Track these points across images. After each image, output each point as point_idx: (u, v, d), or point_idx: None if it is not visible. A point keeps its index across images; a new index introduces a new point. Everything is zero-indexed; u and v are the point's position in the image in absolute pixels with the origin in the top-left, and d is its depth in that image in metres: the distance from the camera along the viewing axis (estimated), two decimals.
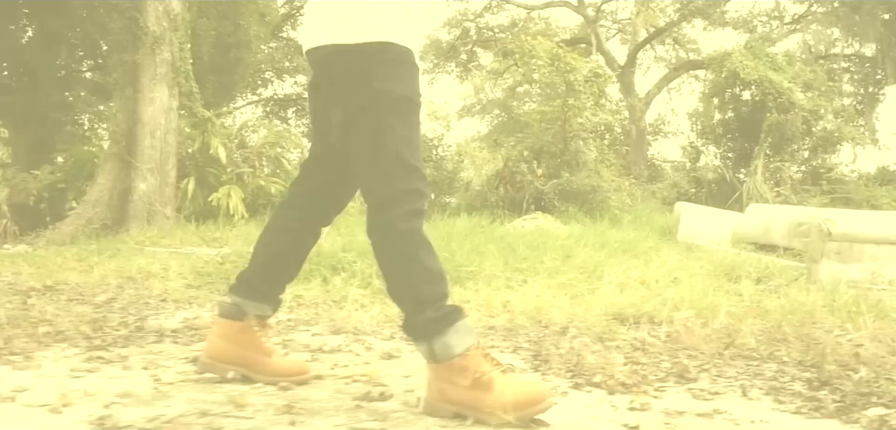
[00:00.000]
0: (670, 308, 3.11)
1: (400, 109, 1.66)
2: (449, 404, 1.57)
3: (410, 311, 1.67)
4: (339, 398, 1.72)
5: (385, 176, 1.66)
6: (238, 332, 1.85)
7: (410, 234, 1.65)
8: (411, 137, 1.68)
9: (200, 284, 4.10)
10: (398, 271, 1.68)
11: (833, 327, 2.78)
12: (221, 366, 1.85)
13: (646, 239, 6.37)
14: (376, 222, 1.68)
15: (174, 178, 7.55)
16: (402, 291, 1.69)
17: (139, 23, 7.18)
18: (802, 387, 1.97)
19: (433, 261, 1.67)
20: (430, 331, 1.62)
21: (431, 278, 1.65)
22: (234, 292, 1.89)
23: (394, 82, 1.65)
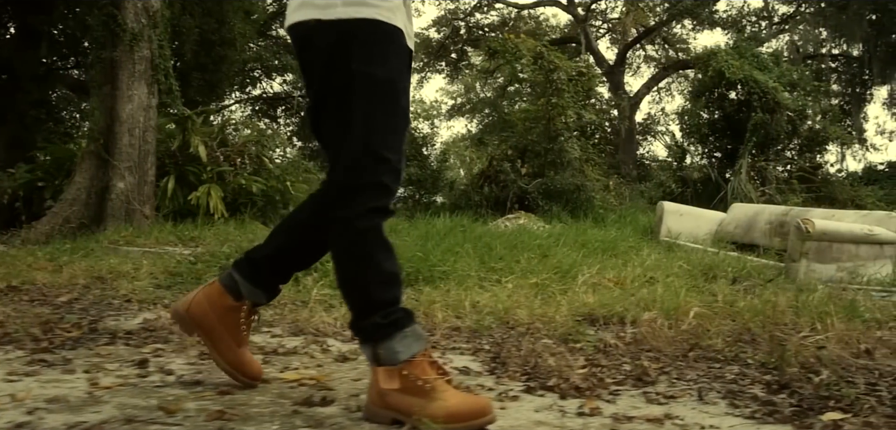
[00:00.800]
0: (640, 309, 3.07)
1: (377, 94, 1.54)
2: (388, 410, 1.52)
3: (358, 312, 1.60)
4: (278, 404, 1.66)
5: (351, 166, 1.55)
6: (227, 308, 1.79)
7: (368, 232, 1.57)
8: (387, 126, 1.56)
9: (170, 283, 4.04)
10: (350, 270, 1.61)
11: (802, 327, 2.74)
12: (191, 326, 1.81)
13: (627, 239, 6.34)
14: (335, 214, 1.59)
15: (153, 176, 7.46)
16: (352, 290, 1.62)
17: (117, 19, 7.08)
18: (761, 390, 1.92)
19: (389, 263, 1.60)
20: (376, 335, 1.56)
21: (384, 280, 1.58)
22: (236, 268, 1.81)
23: (374, 64, 1.53)
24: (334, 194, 1.59)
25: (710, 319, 2.85)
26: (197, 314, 1.80)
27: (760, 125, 10.67)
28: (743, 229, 6.47)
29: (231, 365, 1.79)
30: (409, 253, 4.33)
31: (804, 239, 4.88)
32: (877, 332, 2.67)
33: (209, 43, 10.93)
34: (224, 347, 1.79)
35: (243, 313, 1.80)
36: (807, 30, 17.02)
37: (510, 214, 8.08)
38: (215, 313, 1.78)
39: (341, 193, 1.58)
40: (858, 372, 2.14)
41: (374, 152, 1.54)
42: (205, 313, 1.79)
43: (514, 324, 2.85)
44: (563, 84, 8.88)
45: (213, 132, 8.30)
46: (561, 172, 8.86)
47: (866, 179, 13.88)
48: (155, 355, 2.21)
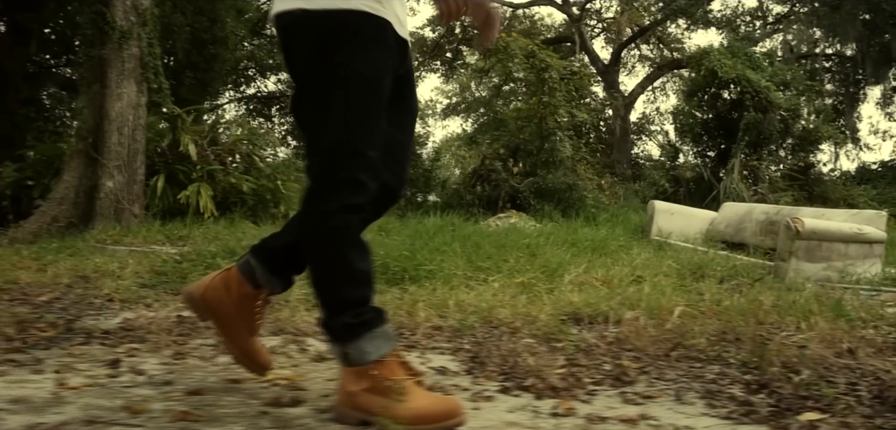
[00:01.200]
0: (625, 309, 3.05)
1: (358, 89, 1.49)
2: (357, 410, 1.49)
3: (328, 311, 1.57)
4: (247, 404, 1.63)
5: (327, 161, 1.52)
6: (244, 295, 1.73)
7: (341, 230, 1.53)
8: (367, 122, 1.52)
9: (155, 282, 4.01)
10: (322, 267, 1.57)
11: (786, 326, 2.73)
12: (205, 311, 1.76)
13: (617, 238, 6.32)
14: (308, 208, 1.55)
15: (143, 175, 7.41)
16: (323, 287, 1.59)
17: (106, 17, 7.03)
18: (740, 390, 1.90)
19: (362, 262, 1.56)
20: (345, 334, 1.53)
21: (356, 280, 1.55)
22: (253, 254, 1.76)
23: (356, 58, 1.49)
24: (309, 190, 1.56)
25: (695, 318, 2.83)
26: (212, 300, 1.75)
27: (753, 124, 10.66)
28: (733, 229, 6.46)
29: (242, 353, 1.76)
30: (396, 252, 4.30)
31: (793, 238, 4.87)
32: (861, 331, 2.66)
33: (201, 41, 10.87)
34: (237, 334, 1.75)
35: (259, 302, 1.76)
36: (801, 29, 17.04)
37: (501, 213, 8.05)
38: (231, 300, 1.73)
39: (315, 187, 1.55)
40: (840, 372, 2.12)
41: (351, 148, 1.50)
42: (221, 299, 1.74)
43: (497, 323, 2.83)
44: (555, 83, 8.85)
45: (203, 131, 8.25)
46: (553, 171, 8.83)
47: (859, 179, 13.89)
48: (129, 356, 2.18)
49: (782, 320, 2.86)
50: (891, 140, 20.78)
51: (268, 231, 6.75)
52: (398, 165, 1.69)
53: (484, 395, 1.78)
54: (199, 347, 2.36)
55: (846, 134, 16.96)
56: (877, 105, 18.73)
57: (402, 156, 1.71)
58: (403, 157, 1.72)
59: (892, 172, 14.25)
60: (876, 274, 4.99)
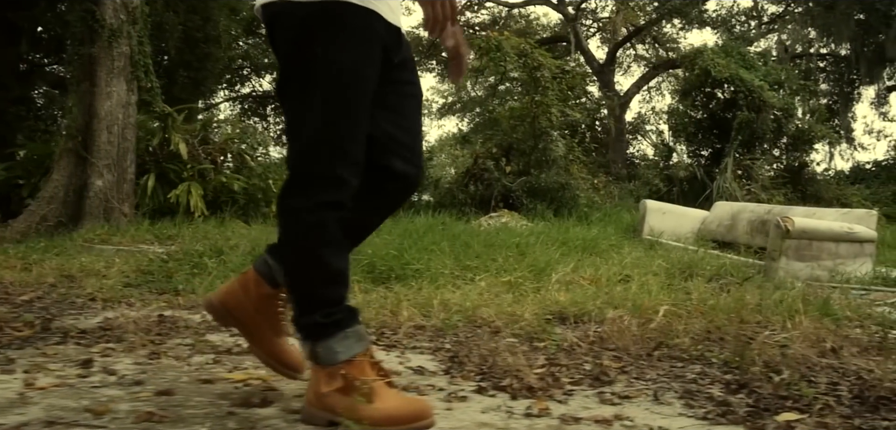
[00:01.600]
0: (612, 308, 3.03)
1: (340, 82, 1.45)
2: (326, 411, 1.46)
3: (299, 308, 1.54)
4: (216, 404, 1.60)
5: (305, 155, 1.49)
6: (263, 296, 1.69)
7: (317, 227, 1.49)
8: (346, 116, 1.47)
9: (140, 282, 3.99)
10: (296, 263, 1.54)
11: (773, 325, 2.71)
12: (228, 318, 1.72)
13: (609, 237, 6.30)
14: (285, 202, 1.52)
15: (133, 174, 7.37)
16: (295, 284, 1.55)
17: (95, 15, 6.99)
18: (720, 390, 1.88)
19: (337, 260, 1.53)
20: (315, 333, 1.51)
21: (330, 279, 1.52)
22: (270, 253, 1.70)
23: (338, 49, 1.44)
24: (288, 183, 1.52)
25: (680, 317, 2.81)
26: (232, 305, 1.71)
27: (746, 124, 10.65)
28: (725, 228, 6.45)
29: (270, 356, 1.72)
30: (383, 251, 4.28)
31: (783, 237, 4.85)
32: (846, 330, 2.64)
33: (193, 40, 10.83)
34: (261, 337, 1.71)
35: (280, 301, 1.71)
36: (795, 29, 17.04)
37: (494, 212, 8.02)
38: (252, 303, 1.69)
39: (293, 181, 1.51)
40: (823, 371, 2.10)
41: (330, 142, 1.47)
42: (240, 303, 1.70)
43: (480, 323, 2.80)
44: (547, 82, 8.82)
45: (195, 130, 8.21)
46: (546, 170, 8.80)
47: (853, 179, 13.91)
48: (103, 355, 2.15)
49: (768, 319, 2.84)
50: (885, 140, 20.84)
51: (258, 231, 6.72)
52: (409, 151, 1.64)
53: (459, 395, 1.75)
54: (176, 346, 2.33)
55: (840, 134, 16.98)
56: (871, 105, 18.77)
57: (411, 141, 1.66)
58: (413, 141, 1.66)
59: (886, 171, 14.27)
60: (866, 273, 4.98)
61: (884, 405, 1.74)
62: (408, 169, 1.64)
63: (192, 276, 4.05)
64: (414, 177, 1.67)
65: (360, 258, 4.14)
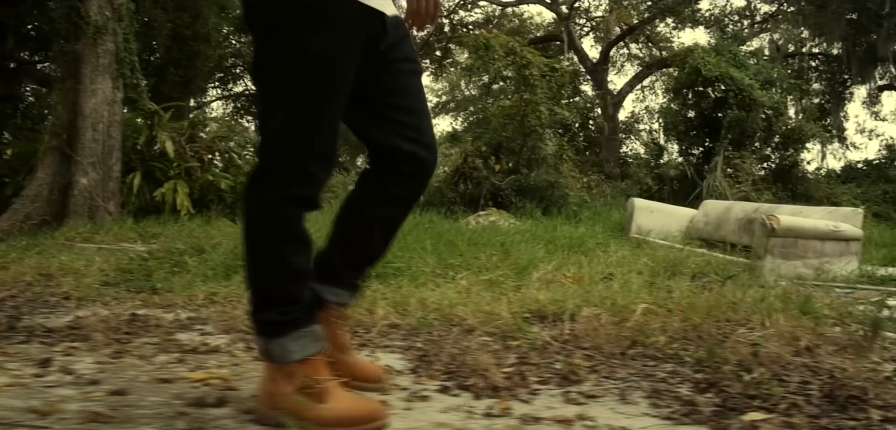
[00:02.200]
0: (591, 306, 3.00)
1: (312, 72, 1.40)
2: (277, 410, 1.43)
3: (256, 303, 1.50)
4: (170, 404, 1.57)
5: (272, 146, 1.44)
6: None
7: (280, 222, 1.45)
8: (317, 108, 1.41)
9: (119, 280, 3.94)
10: (255, 258, 1.49)
11: (753, 323, 2.68)
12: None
13: (596, 236, 6.27)
14: (249, 193, 1.48)
15: (119, 172, 7.31)
16: (253, 279, 1.51)
17: (80, 12, 6.93)
18: (689, 389, 1.85)
19: (299, 258, 1.48)
20: (270, 330, 1.47)
21: (289, 276, 1.48)
22: (321, 287, 1.64)
23: (310, 38, 1.39)
24: (253, 175, 1.48)
25: (658, 316, 2.78)
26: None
27: (736, 122, 10.65)
28: (713, 226, 6.43)
29: (347, 375, 1.63)
30: None
31: (769, 235, 4.83)
32: (824, 329, 2.61)
33: (182, 38, 10.77)
34: (335, 363, 1.61)
35: (335, 319, 1.64)
36: (788, 29, 17.06)
37: (482, 211, 7.99)
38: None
39: (259, 172, 1.47)
40: (796, 370, 2.07)
41: (297, 136, 1.42)
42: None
43: (456, 322, 2.77)
44: (536, 80, 8.79)
45: (182, 128, 8.15)
46: (536, 169, 8.78)
47: (844, 178, 13.92)
48: (65, 354, 2.11)
49: (748, 318, 2.82)
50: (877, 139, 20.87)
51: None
52: (414, 130, 1.58)
53: (421, 394, 1.72)
54: (143, 346, 2.29)
55: (832, 133, 17.00)
56: (863, 104, 18.81)
57: (416, 120, 1.59)
58: (418, 120, 1.60)
59: (877, 170, 14.30)
60: (852, 271, 4.97)
61: (853, 404, 1.71)
62: (415, 149, 1.58)
63: (172, 274, 4.00)
64: (423, 157, 1.60)
65: None
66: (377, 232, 1.65)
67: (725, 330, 2.55)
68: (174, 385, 1.77)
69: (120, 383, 1.76)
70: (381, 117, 1.55)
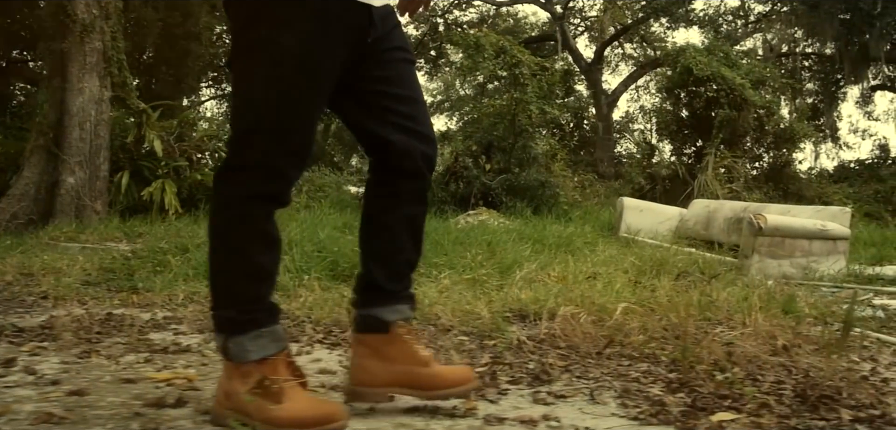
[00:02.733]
0: (573, 305, 2.97)
1: (284, 65, 1.35)
2: (233, 410, 1.40)
3: (217, 300, 1.47)
4: (128, 405, 1.54)
5: (243, 140, 1.40)
6: (386, 345, 1.54)
7: (245, 219, 1.41)
8: (290, 103, 1.37)
9: (101, 280, 3.91)
10: (219, 253, 1.47)
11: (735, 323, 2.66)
12: (375, 391, 1.54)
13: (585, 235, 6.25)
14: (216, 188, 1.45)
15: (106, 172, 7.27)
16: (215, 274, 1.48)
17: (67, 10, 6.88)
18: (660, 389, 1.82)
19: (262, 256, 1.44)
20: (229, 328, 1.43)
21: (252, 275, 1.44)
22: (362, 305, 1.58)
23: (285, 32, 1.34)
24: (220, 169, 1.45)
25: (639, 315, 2.75)
26: (369, 378, 1.54)
27: (727, 122, 10.65)
28: (702, 225, 6.42)
29: (440, 389, 1.53)
30: (348, 248, 4.22)
31: (756, 235, 4.82)
32: (804, 328, 2.59)
33: (173, 37, 10.72)
34: (420, 380, 1.53)
35: (407, 336, 1.56)
36: (782, 29, 17.07)
37: (472, 210, 7.97)
38: (384, 361, 1.53)
39: (228, 166, 1.43)
40: (772, 370, 2.05)
41: (270, 129, 1.38)
42: (373, 371, 1.54)
43: (434, 321, 2.74)
44: (527, 79, 8.77)
45: (171, 127, 8.11)
46: (527, 168, 8.76)
47: (837, 177, 13.94)
48: (31, 354, 2.08)
49: (730, 317, 2.80)
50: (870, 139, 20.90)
51: None
52: (412, 120, 1.52)
53: (386, 395, 1.69)
54: (113, 345, 2.27)
55: (826, 133, 17.03)
56: (856, 104, 18.84)
57: (413, 110, 1.53)
58: (414, 110, 1.54)
59: (869, 170, 14.32)
60: (840, 270, 4.96)
61: (824, 404, 1.69)
62: (410, 139, 1.52)
63: (155, 273, 3.98)
64: (419, 148, 1.53)
65: (323, 255, 4.08)
66: (404, 235, 1.58)
67: (705, 329, 2.53)
68: (137, 385, 1.74)
69: (81, 383, 1.73)
70: (374, 107, 1.51)
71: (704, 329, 2.52)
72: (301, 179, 11.22)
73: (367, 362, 1.55)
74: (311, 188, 10.17)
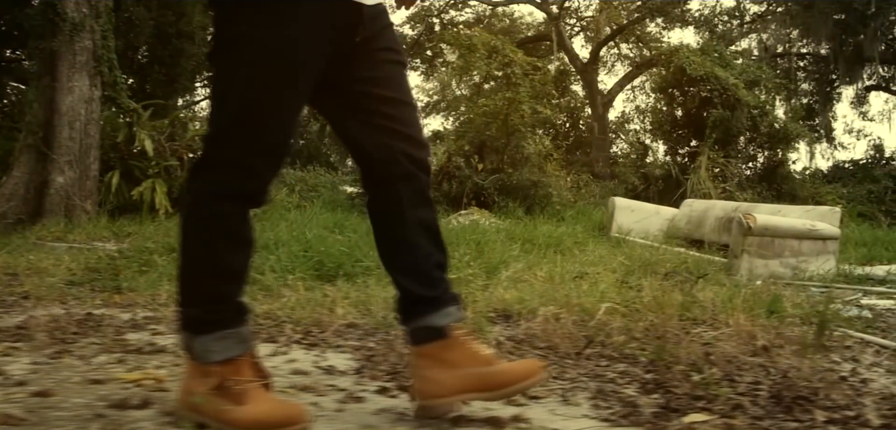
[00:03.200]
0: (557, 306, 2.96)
1: (262, 63, 1.32)
2: (194, 411, 1.38)
3: (184, 296, 1.44)
4: (91, 406, 1.51)
5: (219, 137, 1.38)
6: (445, 350, 1.47)
7: (217, 217, 1.38)
8: (267, 101, 1.34)
9: (85, 280, 3.88)
10: (189, 251, 1.43)
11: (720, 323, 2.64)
12: (445, 402, 1.47)
13: (576, 235, 6.24)
14: (189, 184, 1.42)
15: (96, 171, 7.24)
16: (184, 272, 1.44)
17: (56, 9, 6.85)
18: (635, 390, 1.81)
19: (232, 257, 1.42)
20: (194, 326, 1.41)
21: (220, 274, 1.41)
22: (413, 318, 1.52)
23: (266, 28, 1.31)
24: (196, 162, 1.42)
25: (623, 315, 2.74)
26: (436, 390, 1.47)
27: (720, 121, 10.65)
28: (693, 225, 6.41)
29: (510, 385, 1.48)
30: (335, 249, 4.20)
31: (745, 234, 4.81)
32: (787, 328, 2.58)
33: (166, 36, 10.68)
34: (488, 381, 1.47)
35: (463, 338, 1.52)
36: (777, 29, 17.08)
37: (464, 210, 7.95)
38: (446, 370, 1.46)
39: (202, 162, 1.40)
40: (751, 370, 2.03)
41: (246, 127, 1.34)
42: (440, 381, 1.47)
43: None
44: (519, 79, 8.76)
45: (163, 126, 8.08)
46: (520, 168, 8.74)
47: (831, 178, 13.94)
48: (3, 355, 2.05)
49: (715, 317, 2.78)
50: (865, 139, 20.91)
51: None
52: (398, 123, 1.47)
53: (356, 395, 1.67)
54: (88, 345, 2.24)
55: (821, 133, 17.03)
56: (851, 104, 18.85)
57: (400, 112, 1.48)
58: (401, 112, 1.48)
59: (863, 170, 14.33)
60: (829, 271, 4.95)
61: (799, 405, 1.67)
62: (414, 150, 1.48)
63: (140, 273, 3.95)
64: (422, 157, 1.49)
65: (310, 255, 4.06)
66: (422, 240, 1.51)
67: (688, 329, 2.51)
68: (105, 386, 1.72)
69: (48, 384, 1.71)
70: (359, 108, 1.47)
71: (686, 329, 2.51)
72: (294, 179, 11.19)
73: (431, 372, 1.48)
74: (303, 188, 10.15)
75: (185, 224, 1.44)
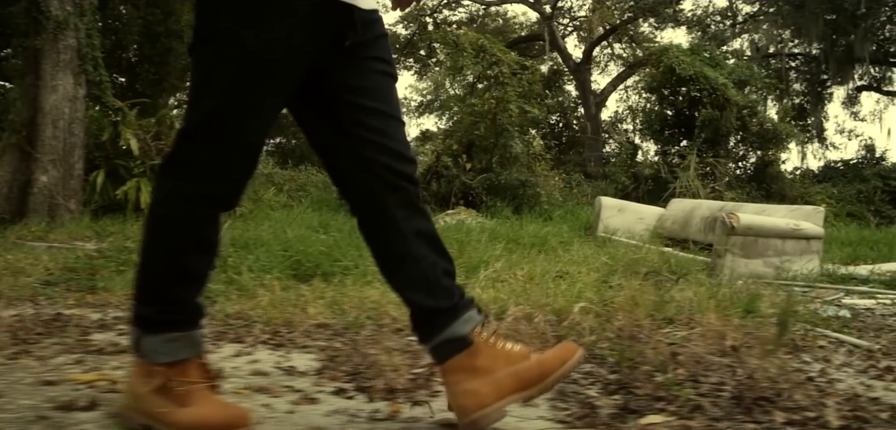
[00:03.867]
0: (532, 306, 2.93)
1: (240, 62, 1.27)
2: (138, 411, 1.35)
3: (139, 293, 1.40)
4: (37, 408, 1.49)
5: (191, 134, 1.32)
6: (475, 356, 1.41)
7: (184, 219, 1.34)
8: (244, 102, 1.29)
9: (62, 280, 3.84)
10: (149, 248, 1.39)
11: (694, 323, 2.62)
12: (490, 412, 1.39)
13: (562, 234, 6.22)
14: (157, 179, 1.38)
15: (81, 170, 7.19)
16: (142, 268, 1.40)
17: (40, 6, 6.80)
18: (597, 391, 1.79)
19: (193, 260, 1.37)
20: (145, 325, 1.38)
21: (179, 278, 1.37)
22: (437, 331, 1.44)
23: (247, 25, 1.27)
24: (166, 158, 1.37)
25: (597, 315, 2.72)
26: (476, 404, 1.38)
27: (709, 121, 10.65)
28: (680, 225, 6.39)
29: (552, 375, 1.42)
30: (314, 248, 4.18)
31: (729, 234, 4.79)
32: (759, 328, 2.56)
33: (155, 35, 10.63)
34: (529, 376, 1.41)
35: (491, 339, 1.45)
36: (769, 29, 17.11)
37: (451, 209, 7.93)
38: (481, 378, 1.40)
39: (172, 159, 1.35)
40: (717, 371, 2.01)
41: (220, 127, 1.30)
42: (478, 392, 1.39)
43: (388, 322, 2.69)
44: (506, 78, 8.74)
45: (148, 126, 8.03)
46: (508, 167, 8.73)
47: (822, 177, 13.97)
48: None
49: (691, 317, 2.76)
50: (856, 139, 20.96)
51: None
52: (382, 136, 1.41)
53: (311, 396, 1.65)
54: (50, 346, 2.21)
55: (812, 133, 17.07)
56: (842, 105, 18.90)
57: (384, 124, 1.42)
58: (385, 125, 1.42)
59: (854, 170, 14.37)
60: (812, 270, 4.94)
61: (760, 405, 1.65)
62: (398, 163, 1.42)
63: (117, 273, 3.91)
64: (409, 170, 1.44)
65: (289, 254, 4.03)
66: (423, 250, 1.45)
67: (658, 329, 2.49)
68: (56, 388, 1.69)
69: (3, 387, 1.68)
70: (341, 119, 1.40)
71: (657, 329, 2.49)
72: (282, 178, 11.16)
73: (466, 386, 1.40)
74: (292, 187, 10.11)
75: (150, 221, 1.39)
